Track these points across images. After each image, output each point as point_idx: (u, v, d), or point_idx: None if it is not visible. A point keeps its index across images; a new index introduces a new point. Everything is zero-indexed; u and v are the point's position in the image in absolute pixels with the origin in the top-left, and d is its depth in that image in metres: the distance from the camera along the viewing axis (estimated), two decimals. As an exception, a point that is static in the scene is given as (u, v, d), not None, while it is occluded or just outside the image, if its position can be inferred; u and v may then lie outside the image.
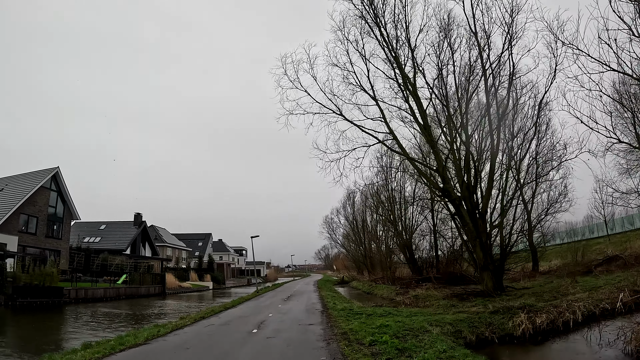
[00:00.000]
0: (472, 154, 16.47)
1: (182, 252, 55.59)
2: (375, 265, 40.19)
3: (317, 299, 20.38)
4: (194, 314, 14.81)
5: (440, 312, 12.68)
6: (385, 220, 32.97)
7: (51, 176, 34.02)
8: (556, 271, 21.64)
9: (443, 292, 19.84)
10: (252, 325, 10.81)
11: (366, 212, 41.54)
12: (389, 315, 11.40)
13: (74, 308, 22.17)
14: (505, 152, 16.96)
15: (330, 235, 52.97)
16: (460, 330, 10.21)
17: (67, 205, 36.01)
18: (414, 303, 17.33)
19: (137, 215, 45.37)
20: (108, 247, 41.46)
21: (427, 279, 25.83)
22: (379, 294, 24.59)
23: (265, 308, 16.37)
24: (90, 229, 45.61)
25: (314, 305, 16.93)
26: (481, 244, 15.34)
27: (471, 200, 16.23)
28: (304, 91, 17.43)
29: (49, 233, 33.34)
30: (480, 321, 11.14)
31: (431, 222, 28.90)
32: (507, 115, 16.62)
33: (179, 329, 10.67)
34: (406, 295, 20.75)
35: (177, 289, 37.09)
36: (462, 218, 15.57)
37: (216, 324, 11.34)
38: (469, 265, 27.43)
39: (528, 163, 17.04)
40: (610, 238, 28.77)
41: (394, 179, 31.71)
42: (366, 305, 15.52)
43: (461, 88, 16.95)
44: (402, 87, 16.72)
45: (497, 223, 16.17)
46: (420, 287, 23.46)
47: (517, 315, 11.43)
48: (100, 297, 27.97)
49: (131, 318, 17.54)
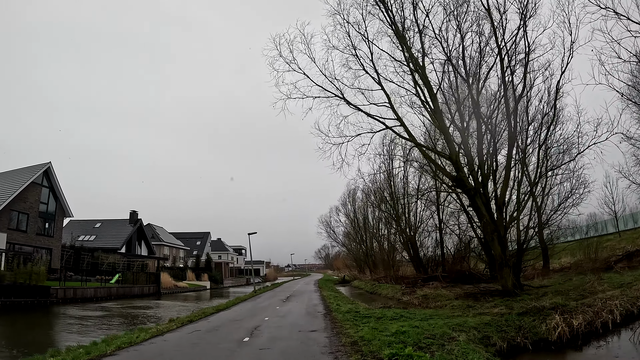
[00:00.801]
0: (485, 141, 14.90)
1: (179, 251, 53.84)
2: (378, 263, 38.54)
3: (318, 300, 18.70)
4: (183, 317, 13.15)
5: (459, 314, 11.06)
6: (388, 217, 31.30)
7: (42, 172, 32.28)
8: (570, 268, 20.09)
9: (454, 292, 18.22)
10: (245, 331, 9.15)
11: (367, 209, 39.88)
12: (402, 319, 9.76)
13: (60, 308, 20.60)
14: (522, 137, 15.33)
15: (329, 234, 51.16)
16: (489, 336, 8.59)
17: (59, 201, 34.28)
18: (424, 303, 15.71)
19: (132, 213, 43.65)
20: (102, 245, 39.78)
21: (433, 277, 24.20)
22: (383, 294, 22.93)
23: (261, 310, 14.70)
24: (85, 227, 43.93)
25: (316, 307, 15.30)
26: (499, 238, 13.73)
27: (485, 191, 14.63)
28: (302, 73, 15.80)
29: (40, 230, 31.66)
30: (508, 324, 9.53)
31: (437, 218, 27.26)
32: (523, 97, 15.04)
33: (158, 336, 9.03)
34: (413, 294, 19.14)
35: (173, 289, 35.39)
36: (478, 210, 13.94)
37: (203, 330, 9.66)
38: (477, 263, 25.92)
39: (546, 150, 15.33)
40: (620, 234, 27.32)
41: (397, 173, 30.14)
42: (373, 307, 13.91)
43: (473, 69, 15.34)
44: (412, 67, 15.09)
45: (514, 215, 14.55)
46: (427, 286, 21.84)
47: (550, 316, 9.82)
48: (90, 297, 26.30)
49: (117, 320, 15.88)
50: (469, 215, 16.19)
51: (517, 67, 14.53)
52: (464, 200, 16.65)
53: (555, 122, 15.65)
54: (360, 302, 16.79)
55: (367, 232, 41.51)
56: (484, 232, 13.97)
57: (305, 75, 15.88)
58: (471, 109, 15.24)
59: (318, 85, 15.73)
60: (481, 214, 13.89)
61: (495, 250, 13.71)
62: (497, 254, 13.65)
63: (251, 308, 15.72)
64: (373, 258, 40.53)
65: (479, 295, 15.43)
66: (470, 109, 15.41)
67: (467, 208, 16.06)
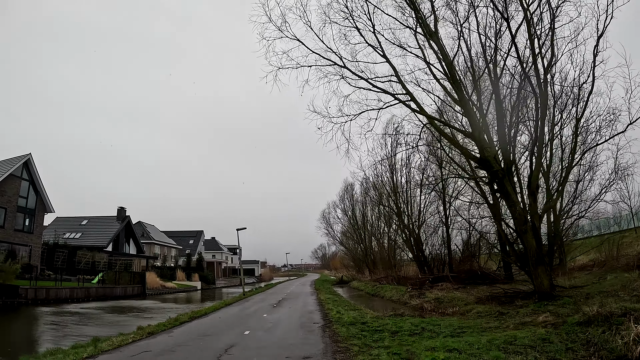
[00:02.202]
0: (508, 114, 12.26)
1: (171, 249, 50.80)
2: (377, 263, 35.78)
3: (314, 305, 15.93)
4: (148, 326, 10.31)
5: (495, 325, 8.36)
6: (390, 212, 28.56)
7: (22, 163, 29.36)
8: (594, 266, 17.43)
9: (470, 294, 15.54)
10: (210, 356, 6.33)
11: (367, 206, 37.13)
12: (426, 334, 7.05)
13: (26, 310, 17.86)
14: (555, 111, 12.66)
15: (328, 231, 48.14)
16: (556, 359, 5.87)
17: (39, 196, 31.28)
18: (439, 309, 13.00)
19: (120, 210, 40.64)
20: (88, 243, 36.80)
21: (440, 278, 21.52)
22: (387, 296, 20.15)
23: (245, 319, 11.77)
24: (72, 225, 40.95)
25: (311, 314, 12.41)
26: (534, 229, 11.05)
27: (509, 175, 11.97)
28: (295, 39, 13.08)
29: (19, 226, 28.70)
30: (572, 339, 6.82)
31: (442, 213, 24.57)
32: (553, 66, 12.42)
33: (89, 359, 6.22)
34: (422, 297, 16.43)
35: (160, 290, 32.44)
36: (508, 197, 11.26)
37: (154, 352, 6.82)
38: (487, 262, 23.28)
39: (586, 126, 12.64)
40: (636, 231, 24.83)
41: (400, 168, 27.49)
42: (380, 313, 11.11)
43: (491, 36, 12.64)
44: (423, 31, 12.43)
45: (549, 203, 11.89)
46: (436, 287, 19.16)
47: (622, 326, 7.13)
48: (66, 297, 23.43)
49: (75, 327, 12.95)
50: (490, 204, 13.49)
51: (543, 34, 11.90)
52: (485, 188, 13.94)
53: (590, 94, 12.98)
54: (363, 307, 13.92)
55: (366, 230, 38.77)
56: (516, 223, 11.25)
57: (299, 42, 13.17)
58: (490, 88, 12.67)
59: (315, 52, 13.03)
60: (512, 201, 11.20)
61: (528, 244, 11.02)
62: (532, 249, 10.96)
63: (233, 315, 12.83)
64: (372, 257, 37.77)
65: (504, 299, 12.75)
66: (490, 88, 12.84)
67: (489, 196, 13.35)
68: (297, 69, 13.07)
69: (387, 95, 12.69)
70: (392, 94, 12.31)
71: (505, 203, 11.97)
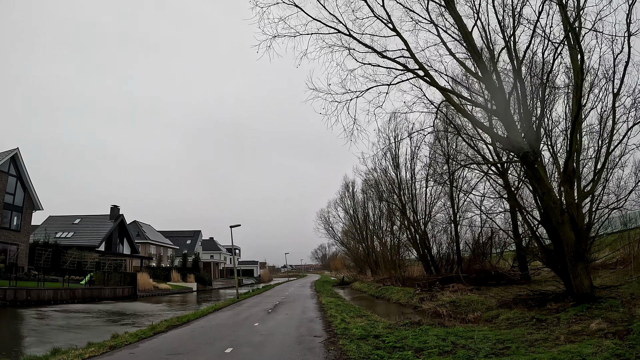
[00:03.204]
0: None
1: (167, 250, 48.91)
2: (380, 263, 33.91)
3: (315, 310, 13.96)
4: (113, 338, 8.48)
5: (542, 337, 6.56)
6: (395, 209, 26.73)
7: (9, 158, 27.67)
8: (618, 264, 15.49)
9: (487, 296, 13.73)
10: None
11: (368, 202, 35.30)
12: (461, 352, 5.37)
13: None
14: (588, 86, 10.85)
15: (328, 231, 46.17)
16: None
17: (27, 192, 29.51)
18: (456, 314, 11.16)
19: (113, 208, 38.80)
20: (80, 243, 34.98)
21: (449, 278, 19.68)
22: (393, 299, 18.27)
23: (231, 330, 9.83)
24: (64, 224, 39.16)
25: (312, 323, 10.39)
26: (572, 221, 9.25)
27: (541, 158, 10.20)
28: (295, 5, 11.31)
29: (5, 224, 26.97)
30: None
31: (450, 208, 22.75)
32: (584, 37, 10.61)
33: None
34: (434, 301, 14.60)
35: (152, 291, 30.54)
36: (540, 182, 9.48)
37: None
38: (499, 261, 21.46)
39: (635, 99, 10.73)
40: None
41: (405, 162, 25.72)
42: (392, 320, 9.27)
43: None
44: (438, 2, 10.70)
45: (587, 190, 10.09)
46: (446, 288, 17.33)
47: None
48: (48, 299, 21.58)
49: (34, 334, 11.08)
50: (511, 194, 11.69)
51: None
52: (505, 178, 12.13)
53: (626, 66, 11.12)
54: (370, 312, 11.94)
55: (368, 230, 36.92)
56: (551, 214, 9.43)
57: (298, 8, 11.40)
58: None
59: (316, 20, 11.25)
60: (545, 187, 9.43)
61: (566, 237, 9.22)
62: (570, 243, 9.16)
63: (219, 324, 10.83)
64: (375, 257, 35.91)
65: (531, 302, 10.94)
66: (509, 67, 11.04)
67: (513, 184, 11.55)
68: (295, 37, 11.29)
69: (398, 69, 10.92)
70: (404, 65, 10.53)
71: (537, 190, 10.12)
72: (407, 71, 10.54)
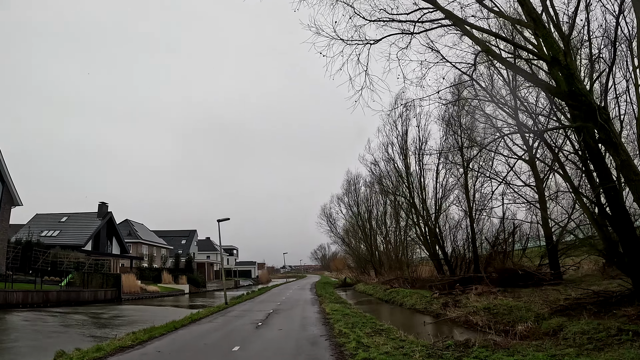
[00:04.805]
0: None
1: (160, 250, 46.25)
2: (384, 263, 31.31)
3: (318, 323, 10.91)
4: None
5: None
6: (401, 202, 24.17)
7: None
8: None
9: (521, 300, 11.14)
10: None
11: (372, 196, 32.75)
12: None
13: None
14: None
15: (330, 228, 43.49)
16: None
17: (6, 186, 26.83)
18: (496, 324, 8.54)
19: (101, 205, 36.19)
20: (65, 242, 32.37)
21: (469, 279, 17.10)
22: (406, 304, 15.58)
23: (203, 353, 7.25)
24: (51, 222, 36.64)
25: (314, 347, 7.36)
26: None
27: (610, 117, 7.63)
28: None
29: (-20, 221, 24.35)
30: None
31: (465, 202, 20.17)
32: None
33: None
34: (460, 306, 11.97)
35: (139, 294, 27.92)
36: (616, 148, 6.91)
37: None
38: (522, 258, 18.90)
39: None
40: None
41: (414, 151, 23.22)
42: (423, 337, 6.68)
43: None
44: None
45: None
46: (468, 291, 14.73)
47: None
48: (17, 302, 19.03)
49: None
50: (564, 173, 9.15)
51: None
52: (565, 152, 9.58)
53: None
54: (388, 324, 8.93)
55: (372, 226, 34.34)
56: (632, 190, 6.88)
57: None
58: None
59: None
60: (624, 153, 6.87)
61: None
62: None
63: (183, 347, 7.78)
64: (379, 257, 33.30)
65: (591, 306, 8.34)
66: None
67: (567, 159, 8.98)
68: None
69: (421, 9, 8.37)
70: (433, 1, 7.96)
71: (600, 165, 7.56)
72: (436, 9, 7.96)
